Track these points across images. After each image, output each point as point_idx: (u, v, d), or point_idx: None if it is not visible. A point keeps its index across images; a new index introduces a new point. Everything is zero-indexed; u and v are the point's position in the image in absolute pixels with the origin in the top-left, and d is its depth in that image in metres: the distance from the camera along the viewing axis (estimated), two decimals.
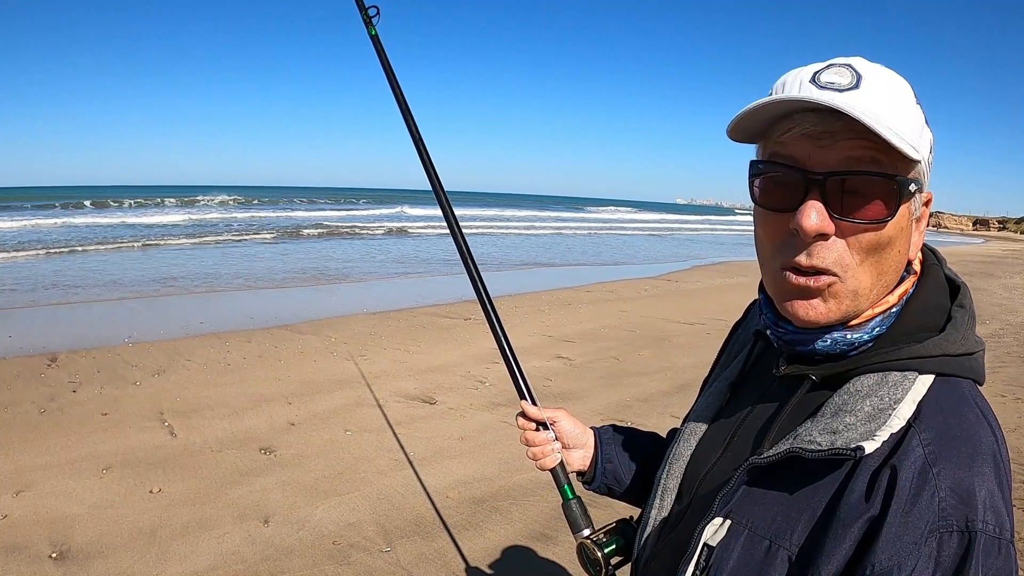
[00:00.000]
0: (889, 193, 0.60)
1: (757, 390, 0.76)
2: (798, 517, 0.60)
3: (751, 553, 0.61)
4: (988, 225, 73.03)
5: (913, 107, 0.63)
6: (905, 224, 0.64)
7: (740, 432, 0.73)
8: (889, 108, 0.60)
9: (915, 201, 0.64)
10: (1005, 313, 9.54)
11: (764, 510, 0.63)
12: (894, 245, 0.63)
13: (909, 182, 0.61)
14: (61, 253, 13.03)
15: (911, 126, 0.61)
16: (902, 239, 0.64)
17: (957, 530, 0.53)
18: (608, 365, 5.91)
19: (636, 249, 20.84)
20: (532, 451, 1.03)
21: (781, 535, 0.60)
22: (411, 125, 1.17)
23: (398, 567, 2.73)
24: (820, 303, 0.63)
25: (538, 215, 37.00)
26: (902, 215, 0.62)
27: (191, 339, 6.22)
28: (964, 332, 0.64)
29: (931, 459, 0.56)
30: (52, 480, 3.38)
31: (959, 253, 25.95)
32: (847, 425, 0.60)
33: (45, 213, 24.20)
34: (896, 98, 0.62)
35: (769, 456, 0.63)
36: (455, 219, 1.15)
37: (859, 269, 0.62)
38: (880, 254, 0.62)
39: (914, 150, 0.60)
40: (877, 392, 0.61)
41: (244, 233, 18.47)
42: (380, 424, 4.29)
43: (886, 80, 0.63)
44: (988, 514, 0.54)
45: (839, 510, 0.57)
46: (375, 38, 1.22)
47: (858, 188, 0.60)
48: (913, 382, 0.61)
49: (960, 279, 0.71)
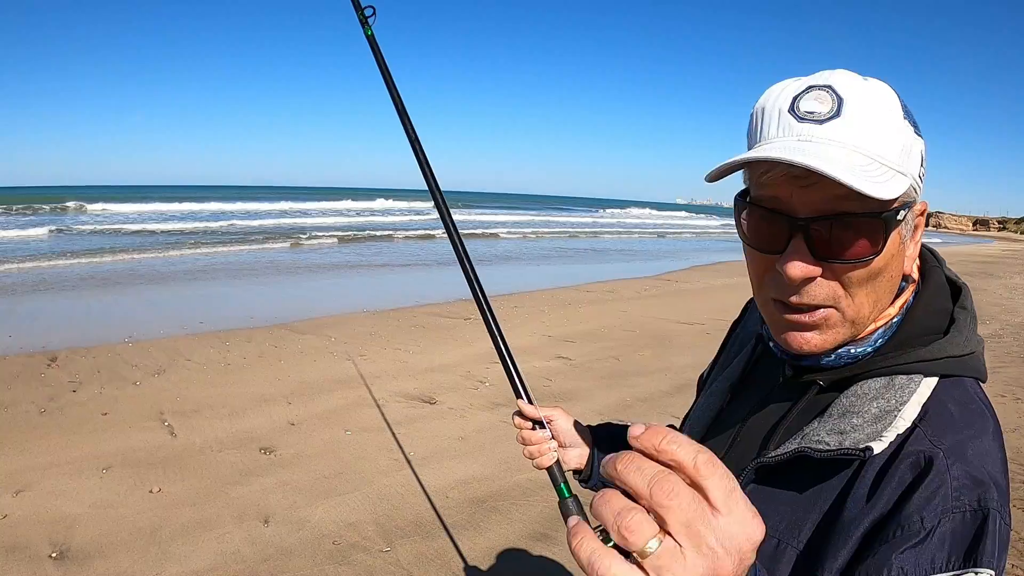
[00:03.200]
0: (875, 230, 0.60)
1: (759, 391, 0.76)
2: (806, 515, 0.61)
3: (760, 551, 0.62)
4: (988, 225, 73.00)
5: (899, 124, 0.61)
6: (896, 249, 0.63)
7: (744, 433, 0.74)
8: (873, 136, 0.59)
9: (906, 222, 0.64)
10: (1005, 313, 9.54)
11: (772, 509, 0.63)
12: (887, 271, 0.63)
13: (896, 212, 0.61)
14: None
15: (897, 148, 0.60)
16: (895, 263, 0.64)
17: (971, 510, 0.55)
18: (608, 365, 5.91)
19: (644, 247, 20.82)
20: (528, 450, 1.04)
21: (789, 533, 0.61)
22: (407, 125, 1.17)
23: (398, 567, 2.73)
24: (816, 335, 0.63)
25: (535, 218, 36.96)
26: (892, 243, 0.62)
27: (191, 339, 6.22)
28: (967, 333, 0.65)
29: (939, 452, 0.57)
30: (52, 480, 3.39)
31: (959, 253, 25.96)
32: (854, 426, 0.61)
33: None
34: (880, 121, 0.60)
35: (777, 455, 0.63)
36: (451, 218, 1.15)
37: (853, 299, 0.62)
38: (873, 283, 0.62)
39: (899, 176, 0.59)
40: (884, 395, 0.62)
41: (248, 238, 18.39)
42: (380, 424, 4.29)
43: (869, 101, 0.61)
44: (993, 494, 0.56)
45: (846, 508, 0.58)
46: (371, 38, 1.22)
47: (843, 229, 0.59)
48: (918, 385, 0.62)
49: (961, 280, 0.71)
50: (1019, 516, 3.23)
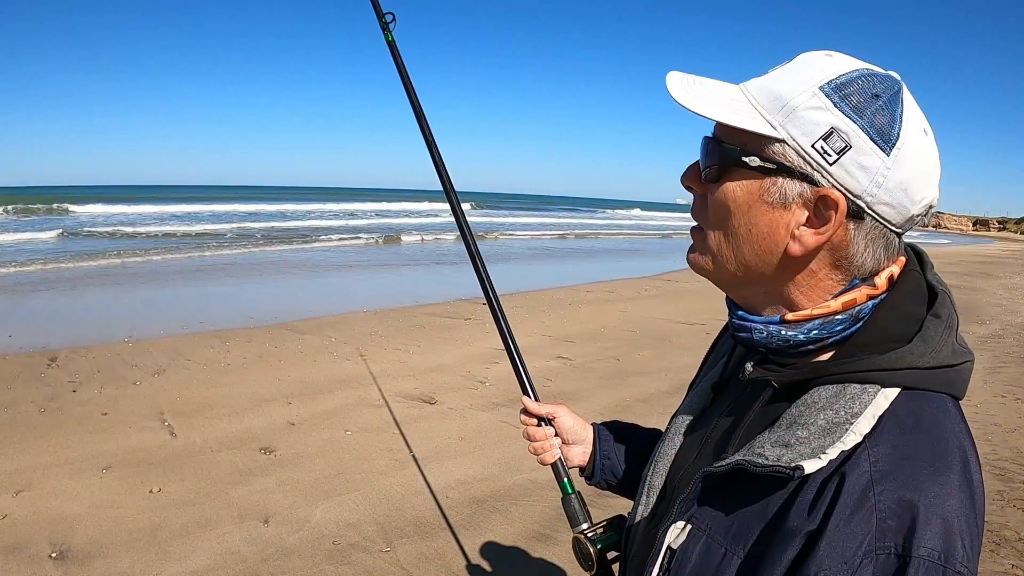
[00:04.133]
0: (712, 155, 0.63)
1: (733, 393, 0.75)
2: (752, 526, 0.59)
3: (708, 559, 0.61)
4: (988, 225, 73.04)
5: (804, 87, 0.58)
6: (745, 198, 0.61)
7: (710, 436, 0.73)
8: (764, 82, 0.61)
9: (775, 183, 0.59)
10: (1005, 313, 9.54)
11: (722, 517, 0.62)
12: (735, 218, 0.62)
13: (743, 152, 0.60)
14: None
15: (777, 99, 0.58)
16: (748, 216, 0.61)
17: (892, 553, 0.51)
18: (608, 365, 5.92)
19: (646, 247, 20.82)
20: (533, 446, 1.06)
21: (736, 542, 0.60)
22: (425, 129, 1.21)
23: (398, 567, 2.73)
24: (693, 253, 0.70)
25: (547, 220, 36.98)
26: (739, 187, 0.61)
27: (191, 339, 6.22)
28: (936, 344, 0.59)
29: (875, 477, 0.53)
30: (52, 480, 3.39)
31: (959, 253, 25.97)
32: (799, 439, 0.57)
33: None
34: (784, 75, 0.60)
35: (720, 466, 0.62)
36: (464, 218, 1.19)
37: (714, 231, 0.66)
38: (724, 222, 0.64)
39: (763, 123, 0.59)
40: (833, 405, 0.58)
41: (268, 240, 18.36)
42: (380, 424, 4.29)
43: (799, 63, 0.60)
44: (933, 540, 0.50)
45: (786, 521, 0.56)
46: (391, 44, 1.25)
47: (705, 152, 0.65)
48: (874, 396, 0.57)
49: (942, 286, 0.64)
50: (1019, 516, 3.23)
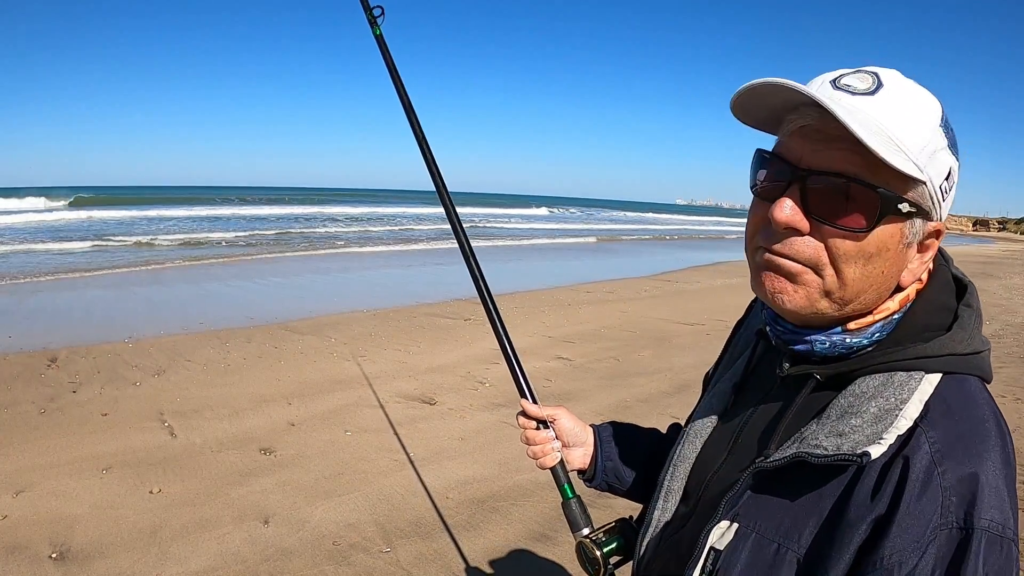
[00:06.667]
0: (870, 204, 0.59)
1: (760, 391, 0.75)
2: (806, 519, 0.60)
3: (759, 556, 0.61)
4: (988, 225, 72.97)
5: (931, 126, 0.60)
6: (893, 244, 0.61)
7: (744, 434, 0.73)
8: (899, 120, 0.58)
9: (912, 225, 0.62)
10: (1005, 313, 9.53)
11: (772, 513, 0.62)
12: (876, 262, 0.61)
13: (899, 199, 0.59)
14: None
15: (919, 144, 0.59)
16: (888, 259, 0.62)
17: (957, 527, 0.54)
18: (608, 365, 5.91)
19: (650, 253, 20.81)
20: (532, 450, 1.03)
21: (789, 537, 0.60)
22: (415, 125, 1.18)
23: (398, 567, 2.73)
24: (789, 285, 0.62)
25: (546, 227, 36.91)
26: (888, 233, 0.60)
27: (191, 339, 6.22)
28: (971, 331, 0.63)
29: (937, 457, 0.56)
30: (52, 480, 3.38)
31: (959, 253, 25.96)
32: (853, 427, 0.59)
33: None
34: (912, 112, 0.59)
35: (775, 460, 0.62)
36: (457, 217, 1.16)
37: (837, 274, 0.61)
38: (859, 266, 0.61)
39: (914, 167, 0.58)
40: (883, 393, 0.60)
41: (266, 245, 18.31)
42: (380, 424, 4.29)
43: (909, 94, 0.60)
44: (991, 512, 0.54)
45: (847, 511, 0.58)
46: (379, 38, 1.23)
47: (839, 192, 0.59)
48: (920, 381, 0.60)
49: (967, 279, 0.69)
50: (1019, 517, 3.23)
